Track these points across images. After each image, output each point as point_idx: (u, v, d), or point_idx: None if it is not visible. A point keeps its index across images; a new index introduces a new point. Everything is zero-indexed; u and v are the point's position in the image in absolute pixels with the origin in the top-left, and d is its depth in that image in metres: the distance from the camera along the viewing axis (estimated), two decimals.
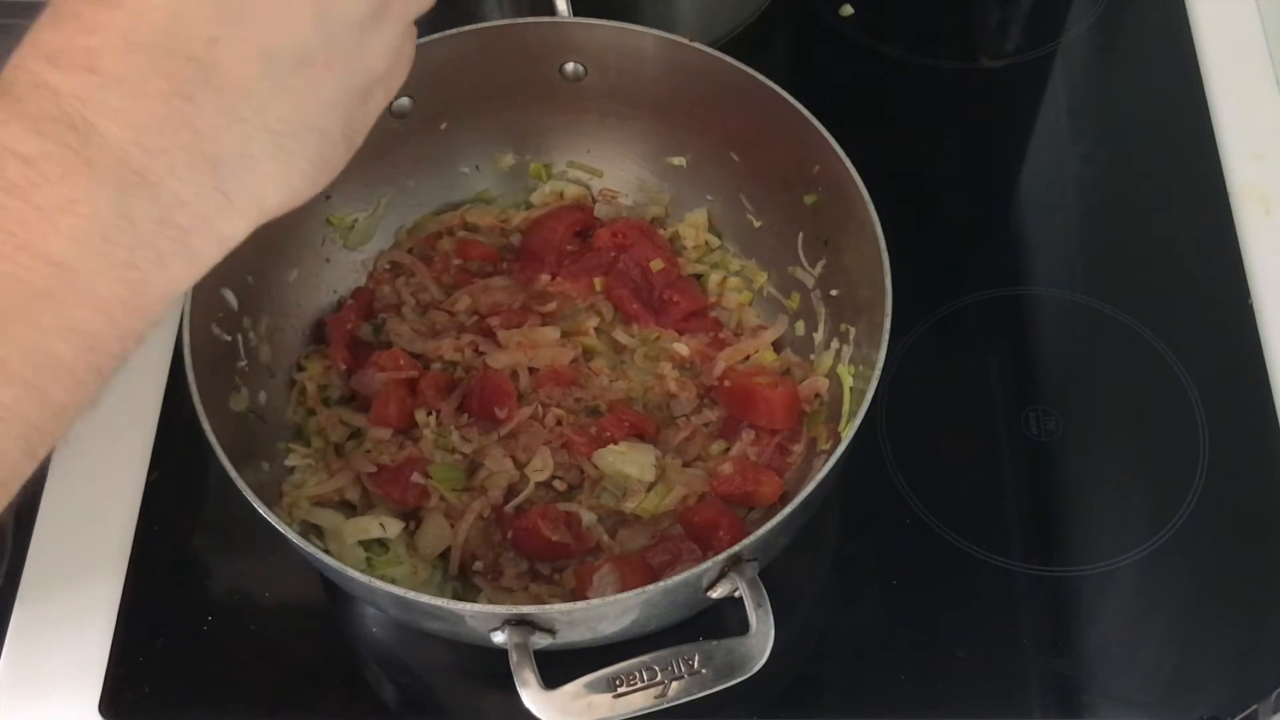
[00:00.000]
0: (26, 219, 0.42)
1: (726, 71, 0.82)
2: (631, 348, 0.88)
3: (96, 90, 0.44)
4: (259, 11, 0.47)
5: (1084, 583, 0.83)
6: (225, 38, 0.46)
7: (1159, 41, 1.09)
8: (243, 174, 0.47)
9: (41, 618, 0.82)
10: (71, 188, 0.43)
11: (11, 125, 0.43)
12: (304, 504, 0.79)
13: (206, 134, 0.45)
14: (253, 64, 0.47)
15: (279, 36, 0.47)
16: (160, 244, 0.45)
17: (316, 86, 0.49)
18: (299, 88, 0.48)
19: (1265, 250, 0.96)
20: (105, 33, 0.44)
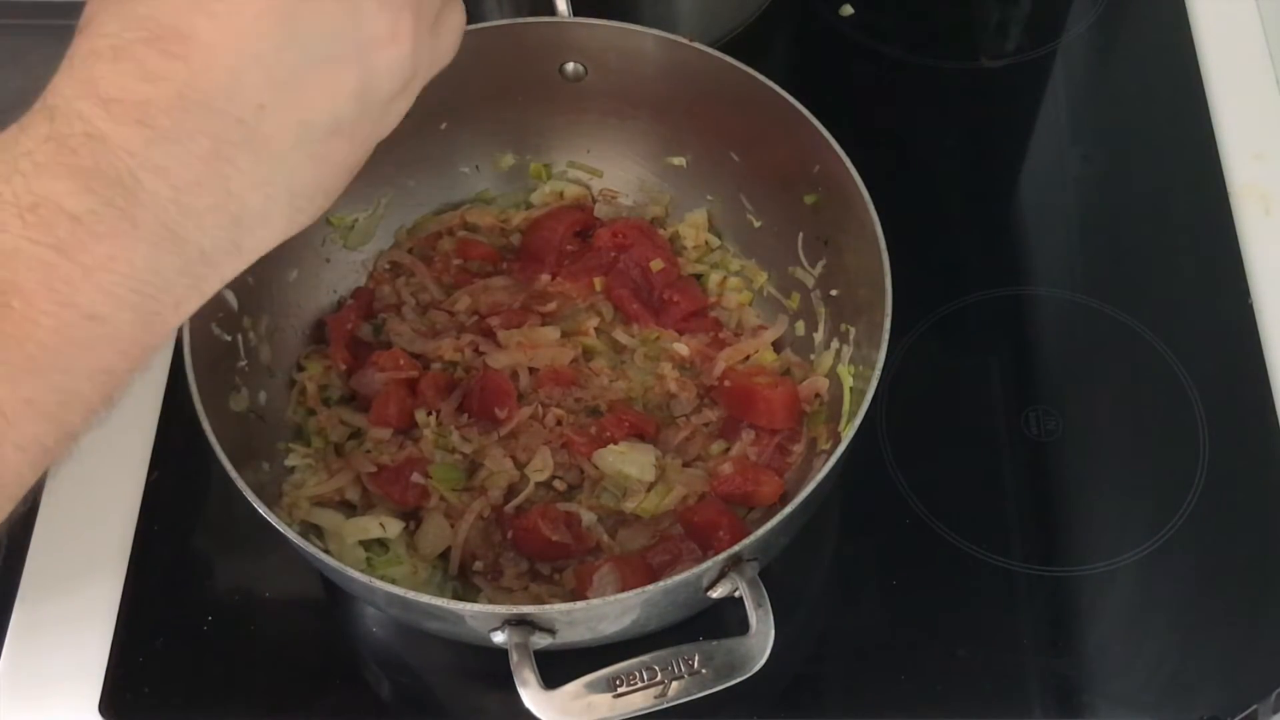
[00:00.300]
0: (71, 277, 0.44)
1: (726, 71, 0.82)
2: (631, 348, 0.88)
3: (145, 146, 0.46)
4: (309, 83, 0.49)
5: (1084, 583, 0.83)
6: (273, 105, 0.48)
7: (1159, 41, 1.09)
8: (257, 229, 0.50)
9: (41, 618, 0.82)
10: (112, 245, 0.45)
11: (64, 180, 0.45)
12: (304, 504, 0.79)
13: (236, 195, 0.48)
14: (291, 132, 0.49)
15: (321, 109, 0.50)
16: (178, 290, 0.47)
17: (340, 154, 0.52)
18: (324, 156, 0.51)
19: (1265, 250, 0.96)
20: (163, 84, 0.46)
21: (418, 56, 0.53)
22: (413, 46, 0.53)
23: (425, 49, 0.54)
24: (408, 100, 0.55)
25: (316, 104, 0.50)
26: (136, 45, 0.46)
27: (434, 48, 0.55)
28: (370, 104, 0.52)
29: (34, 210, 0.44)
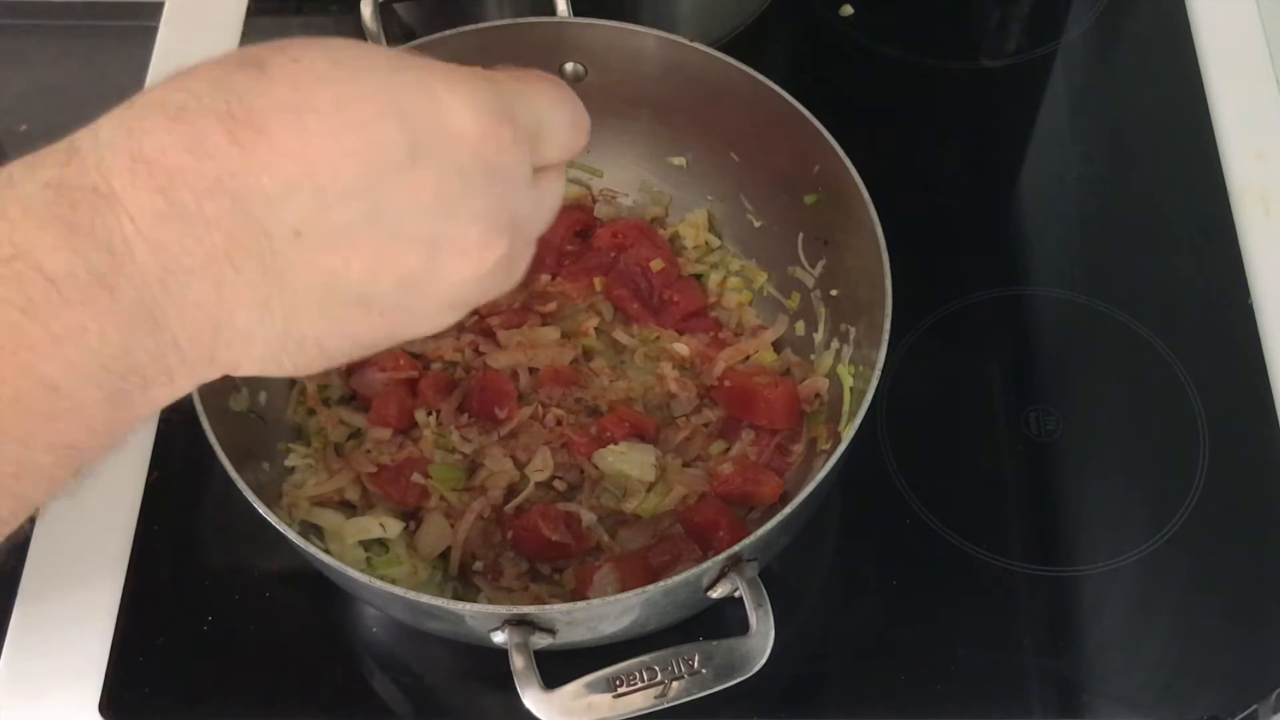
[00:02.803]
0: (37, 344, 0.41)
1: (726, 71, 0.82)
2: (631, 348, 0.88)
3: (153, 218, 0.42)
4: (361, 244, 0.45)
5: (1084, 583, 0.83)
6: (309, 240, 0.44)
7: (1159, 41, 1.09)
8: (235, 347, 0.45)
9: (41, 618, 0.82)
10: (85, 315, 0.42)
11: (50, 234, 0.41)
12: (304, 504, 0.79)
13: (227, 304, 0.44)
14: (315, 276, 0.45)
15: (358, 274, 0.45)
16: (148, 373, 0.44)
17: (356, 329, 0.47)
18: (339, 320, 0.46)
19: (1265, 250, 0.96)
20: (207, 163, 0.42)
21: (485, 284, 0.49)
22: (489, 272, 0.48)
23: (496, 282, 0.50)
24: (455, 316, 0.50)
25: (355, 267, 0.45)
26: (207, 116, 0.42)
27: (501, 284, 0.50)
28: (414, 300, 0.47)
29: (8, 263, 0.41)
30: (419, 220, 0.45)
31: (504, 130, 0.47)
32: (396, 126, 0.44)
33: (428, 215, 0.45)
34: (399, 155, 0.44)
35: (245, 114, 0.42)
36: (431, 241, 0.46)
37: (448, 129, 0.45)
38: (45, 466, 0.43)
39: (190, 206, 0.42)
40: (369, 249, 0.45)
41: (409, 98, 0.45)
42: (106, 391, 0.43)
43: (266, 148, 0.42)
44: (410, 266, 0.46)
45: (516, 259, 0.51)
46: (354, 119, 0.44)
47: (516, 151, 0.48)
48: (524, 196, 0.49)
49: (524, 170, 0.49)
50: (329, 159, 0.43)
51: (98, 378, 0.43)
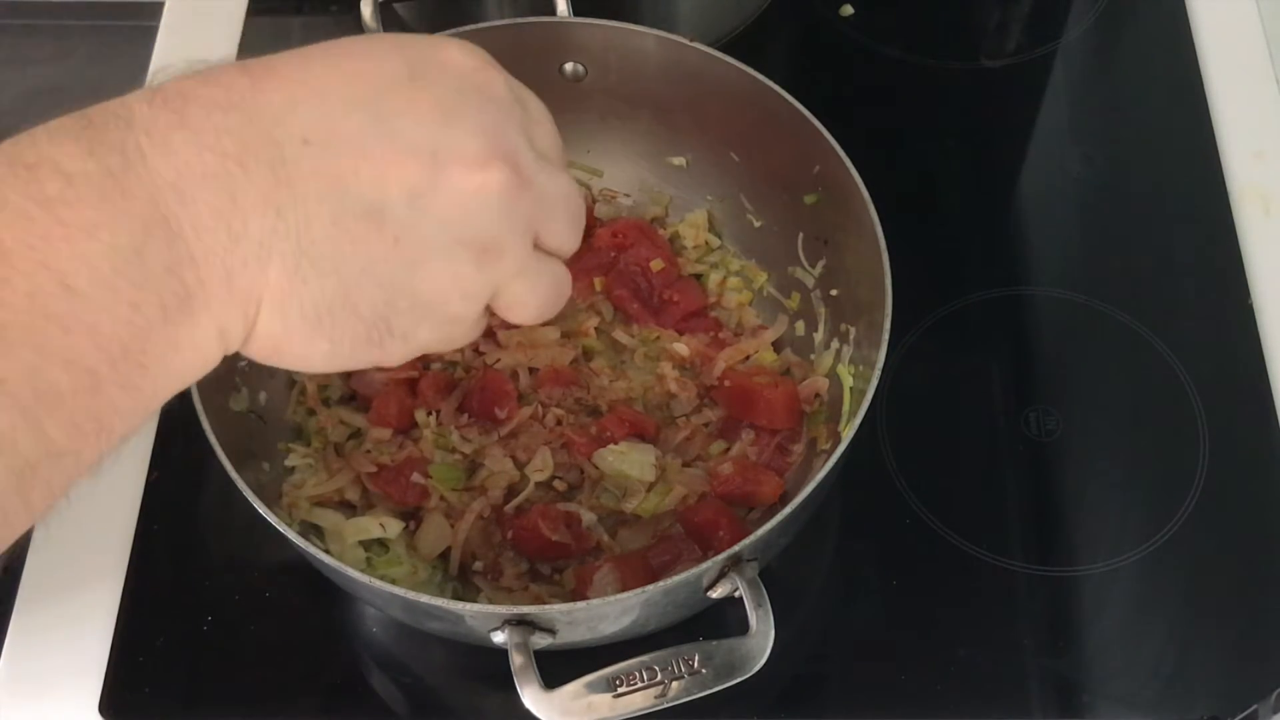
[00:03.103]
0: (50, 235, 0.42)
1: (726, 71, 0.82)
2: (631, 348, 0.88)
3: (168, 130, 0.44)
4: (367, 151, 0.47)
5: (1084, 583, 0.83)
6: (318, 147, 0.46)
7: (1159, 41, 1.09)
8: (252, 264, 0.45)
9: (41, 618, 0.82)
10: (99, 212, 0.42)
11: (68, 145, 0.43)
12: (304, 504, 0.79)
13: (240, 210, 0.44)
14: (324, 183, 0.46)
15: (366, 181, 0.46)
16: (164, 293, 0.44)
17: (368, 248, 0.47)
18: (351, 233, 0.47)
19: (1265, 250, 0.96)
20: (218, 90, 0.45)
21: (493, 214, 0.49)
22: (496, 197, 0.49)
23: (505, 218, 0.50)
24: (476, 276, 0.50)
25: (364, 173, 0.46)
26: (225, 69, 0.46)
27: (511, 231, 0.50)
28: (424, 220, 0.48)
29: (32, 169, 0.42)
30: (419, 128, 0.47)
31: (498, 74, 0.51)
32: (397, 56, 0.48)
33: (427, 124, 0.47)
34: (399, 74, 0.48)
35: (258, 62, 0.47)
36: (432, 150, 0.47)
37: (444, 60, 0.49)
38: (64, 392, 0.42)
39: (202, 119, 0.44)
40: (374, 155, 0.46)
41: (410, 43, 0.50)
42: (123, 305, 0.43)
43: (276, 77, 0.46)
44: (414, 174, 0.47)
45: (526, 210, 0.51)
46: (357, 53, 0.48)
47: (509, 95, 0.51)
48: (526, 149, 0.51)
49: (519, 116, 0.51)
50: (334, 78, 0.47)
51: (112, 282, 0.42)
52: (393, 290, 0.48)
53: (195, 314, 0.45)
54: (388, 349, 0.50)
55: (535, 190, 0.51)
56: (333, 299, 0.47)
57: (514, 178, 0.49)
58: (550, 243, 0.54)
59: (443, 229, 0.48)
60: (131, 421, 0.45)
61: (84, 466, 0.44)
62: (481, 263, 0.50)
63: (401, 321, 0.50)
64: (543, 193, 0.52)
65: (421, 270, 0.49)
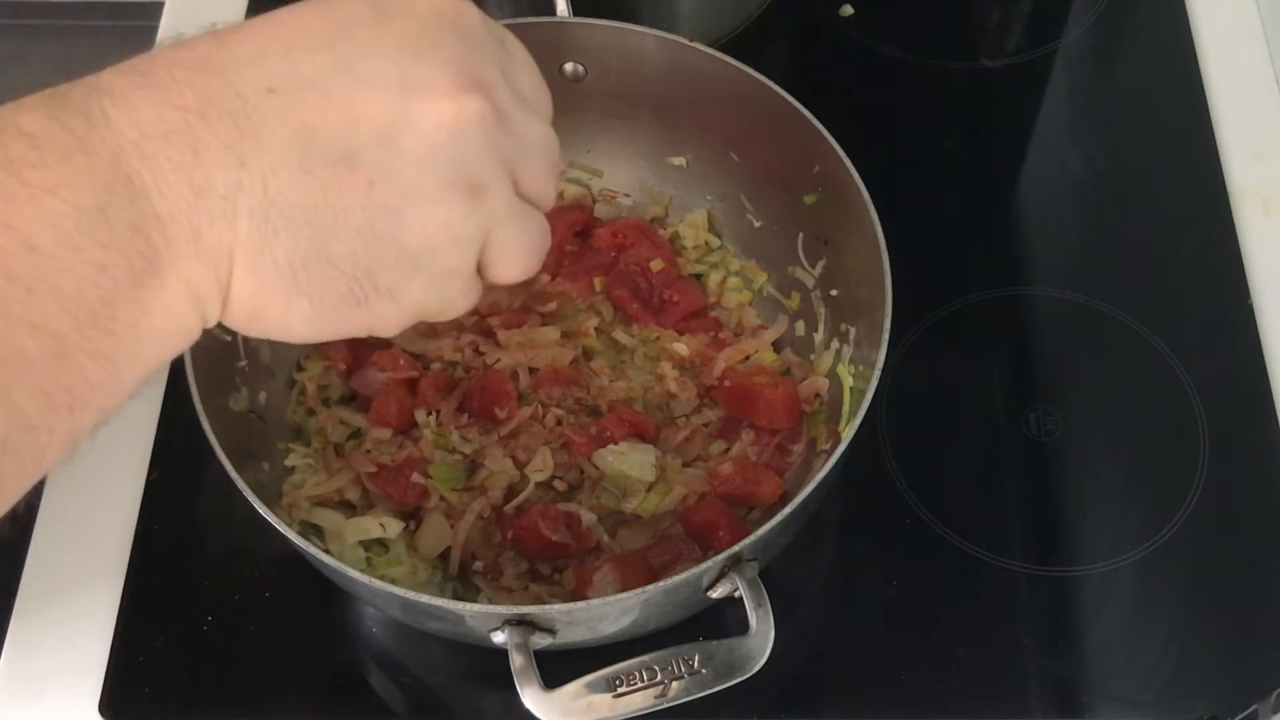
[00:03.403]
0: (14, 195, 0.41)
1: (726, 71, 0.82)
2: (631, 348, 0.88)
3: (128, 88, 0.43)
4: (329, 92, 0.45)
5: (1084, 583, 0.83)
6: (282, 93, 0.44)
7: (1159, 41, 1.09)
8: (219, 220, 0.44)
9: (41, 618, 0.82)
10: (62, 172, 0.41)
11: (36, 109, 0.42)
12: (304, 504, 0.79)
13: (204, 165, 0.43)
14: (290, 129, 0.44)
15: (333, 123, 0.45)
16: (129, 252, 0.42)
17: (341, 194, 0.45)
18: (321, 179, 0.45)
19: (1265, 250, 0.96)
20: (183, 51, 0.44)
21: (479, 153, 0.47)
22: (470, 128, 0.47)
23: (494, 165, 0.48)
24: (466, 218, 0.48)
25: (330, 117, 0.45)
26: (197, 35, 0.45)
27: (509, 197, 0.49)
28: (398, 161, 0.46)
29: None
30: (386, 63, 0.46)
31: (470, 9, 0.49)
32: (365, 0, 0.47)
33: (394, 58, 0.46)
34: (365, 14, 0.46)
35: (228, 25, 0.46)
36: (400, 82, 0.46)
37: None
38: (32, 359, 0.41)
39: (164, 77, 0.43)
40: (340, 96, 0.45)
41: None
42: (88, 265, 0.42)
43: (243, 33, 0.45)
44: (383, 111, 0.45)
45: (505, 145, 0.49)
46: (323, 4, 0.47)
47: (486, 33, 0.49)
48: (502, 84, 0.49)
49: (496, 52, 0.49)
50: (298, 25, 0.46)
51: (76, 241, 0.41)
52: (373, 239, 0.46)
53: (163, 274, 0.43)
54: (376, 309, 0.48)
55: (513, 126, 0.49)
56: (307, 251, 0.45)
57: (489, 108, 0.47)
58: (529, 187, 0.51)
59: (420, 168, 0.46)
60: (107, 396, 0.44)
61: (58, 443, 0.43)
62: (468, 203, 0.48)
63: (388, 276, 0.47)
64: (521, 131, 0.50)
65: (404, 216, 0.47)
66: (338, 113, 0.45)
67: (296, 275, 0.46)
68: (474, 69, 0.48)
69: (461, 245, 0.49)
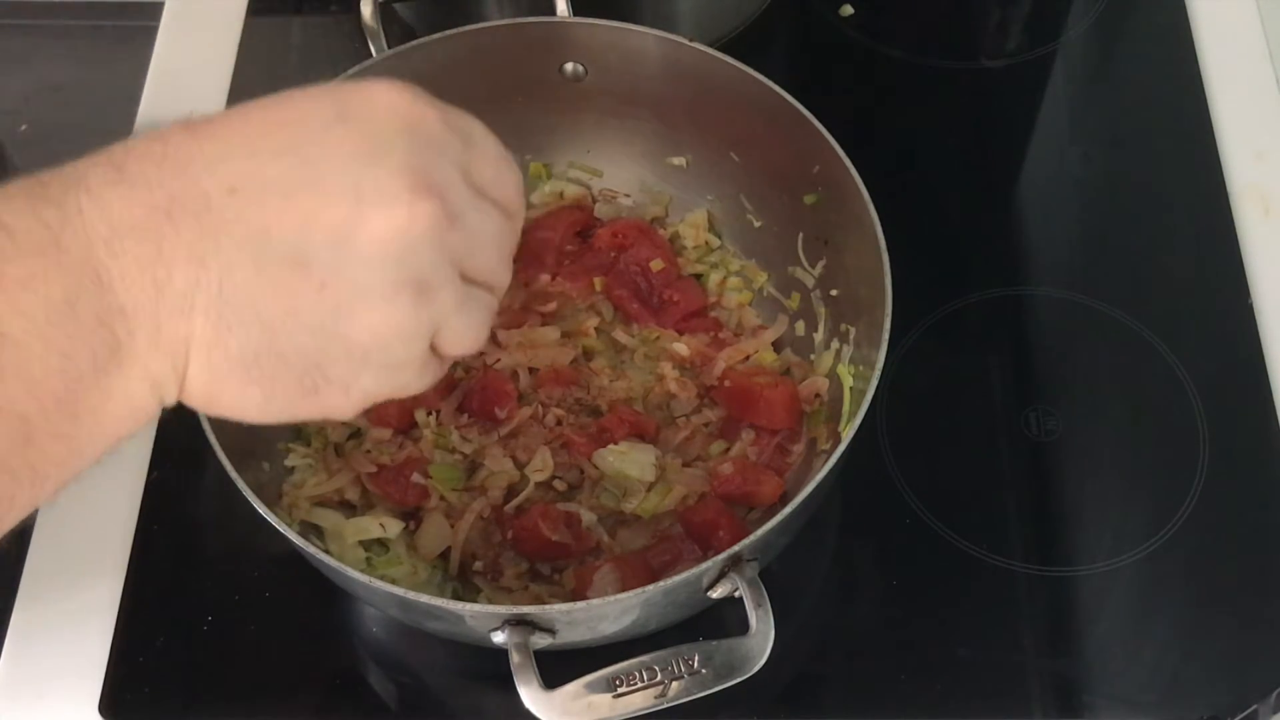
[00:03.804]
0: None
1: (726, 71, 0.82)
2: (631, 348, 0.88)
3: (103, 183, 0.45)
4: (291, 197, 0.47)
5: (1084, 583, 0.83)
6: (243, 195, 0.46)
7: (1159, 41, 1.09)
8: (177, 314, 0.46)
9: (41, 618, 0.82)
10: (35, 265, 0.43)
11: (17, 201, 0.44)
12: (304, 504, 0.79)
13: (165, 259, 0.45)
14: (249, 228, 0.46)
15: (288, 227, 0.46)
16: (94, 342, 0.44)
17: (293, 294, 0.47)
18: (274, 279, 0.46)
19: (1265, 250, 0.96)
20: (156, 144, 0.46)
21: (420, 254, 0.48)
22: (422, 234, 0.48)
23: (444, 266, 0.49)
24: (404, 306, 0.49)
25: (287, 220, 0.46)
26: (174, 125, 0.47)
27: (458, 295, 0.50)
28: (350, 262, 0.47)
29: None
30: (343, 169, 0.47)
31: (431, 110, 0.50)
32: (329, 102, 0.49)
33: (351, 164, 0.47)
34: (328, 118, 0.48)
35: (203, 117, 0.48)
36: (355, 188, 0.47)
37: (373, 100, 0.49)
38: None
39: (137, 172, 0.45)
40: (298, 199, 0.46)
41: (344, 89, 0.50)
42: (54, 354, 0.44)
43: (214, 129, 0.47)
44: (338, 216, 0.47)
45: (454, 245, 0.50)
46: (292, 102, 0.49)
47: (445, 131, 0.50)
48: (458, 184, 0.50)
49: (454, 149, 0.50)
50: (265, 125, 0.47)
51: (45, 332, 0.43)
52: (323, 336, 0.48)
53: (124, 364, 0.45)
54: (326, 398, 0.50)
55: (466, 224, 0.50)
56: (259, 346, 0.47)
57: (440, 212, 0.49)
58: (481, 275, 0.53)
59: (370, 271, 0.48)
60: (66, 470, 0.46)
61: (17, 510, 0.46)
62: (417, 302, 0.49)
63: (337, 369, 0.49)
64: (475, 228, 0.51)
65: (353, 315, 0.48)
66: (294, 216, 0.47)
67: (249, 367, 0.47)
68: (428, 174, 0.49)
69: (409, 340, 0.50)
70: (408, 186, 0.48)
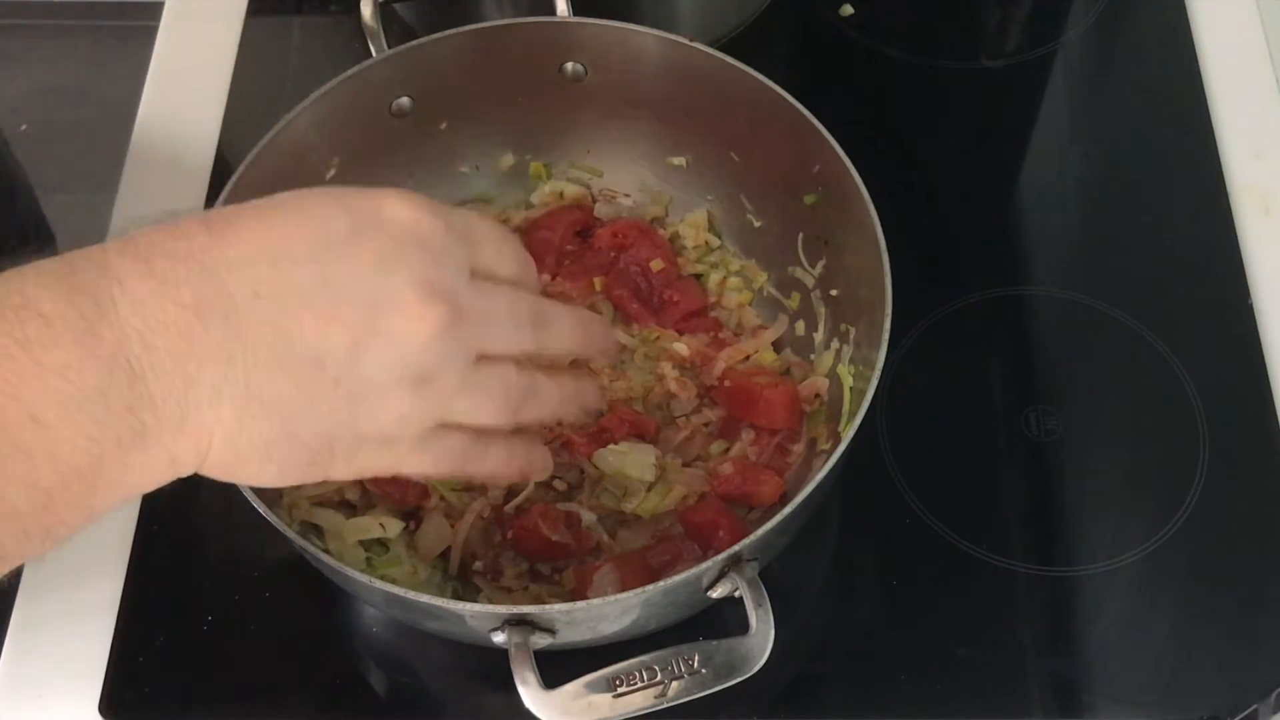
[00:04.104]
0: (26, 373, 0.46)
1: (726, 71, 0.82)
2: (631, 348, 0.88)
3: (134, 277, 0.48)
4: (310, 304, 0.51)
5: (1084, 583, 0.83)
6: (266, 299, 0.50)
7: (1159, 41, 1.09)
8: (204, 405, 0.50)
9: (41, 618, 0.82)
10: (70, 354, 0.46)
11: (52, 289, 0.47)
12: (304, 504, 0.79)
13: (195, 356, 0.49)
14: (272, 333, 0.50)
15: (309, 332, 0.51)
16: (120, 428, 0.48)
17: (311, 391, 0.52)
18: (295, 377, 0.51)
19: (1265, 250, 0.96)
20: (182, 242, 0.50)
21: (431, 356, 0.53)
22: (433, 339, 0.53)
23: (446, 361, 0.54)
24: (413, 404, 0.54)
25: (307, 324, 0.51)
26: (190, 219, 0.51)
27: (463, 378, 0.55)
28: (364, 364, 0.52)
29: (16, 310, 0.46)
30: (360, 281, 0.52)
31: (436, 220, 0.55)
32: (342, 213, 0.53)
33: (367, 276, 0.52)
34: (343, 231, 0.52)
35: (219, 216, 0.52)
36: (372, 299, 0.52)
37: (385, 214, 0.54)
38: (20, 510, 0.47)
39: (165, 271, 0.49)
40: (318, 307, 0.51)
41: (355, 199, 0.54)
42: (83, 437, 0.47)
43: (234, 232, 0.51)
44: (355, 323, 0.52)
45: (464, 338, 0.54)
46: (308, 213, 0.53)
47: (449, 238, 0.55)
48: (465, 283, 0.55)
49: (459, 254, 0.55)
50: (284, 235, 0.52)
51: (75, 418, 0.47)
52: (334, 424, 0.53)
53: (149, 446, 0.49)
54: (332, 469, 0.55)
55: (474, 317, 0.55)
56: (279, 433, 0.52)
57: (450, 316, 0.53)
58: (498, 351, 0.57)
59: (382, 370, 0.53)
60: (76, 530, 0.50)
61: (21, 560, 0.49)
62: (416, 392, 0.54)
63: (343, 448, 0.54)
64: (481, 315, 0.56)
65: (362, 406, 0.53)
66: (314, 322, 0.51)
67: (268, 449, 0.52)
68: (437, 281, 0.54)
69: (408, 423, 0.55)
70: (419, 296, 0.53)
